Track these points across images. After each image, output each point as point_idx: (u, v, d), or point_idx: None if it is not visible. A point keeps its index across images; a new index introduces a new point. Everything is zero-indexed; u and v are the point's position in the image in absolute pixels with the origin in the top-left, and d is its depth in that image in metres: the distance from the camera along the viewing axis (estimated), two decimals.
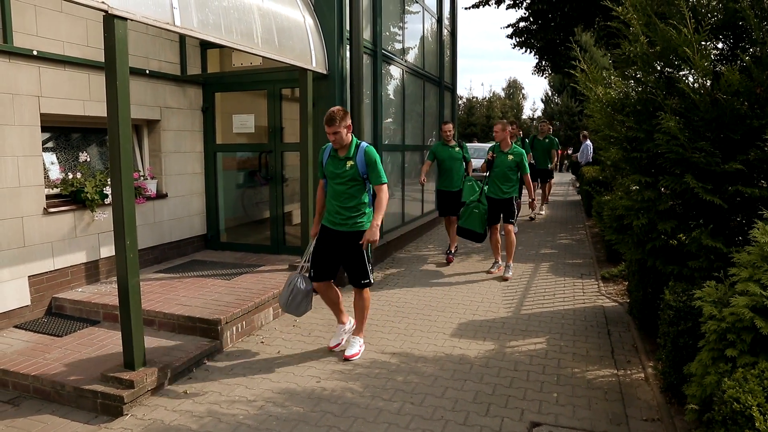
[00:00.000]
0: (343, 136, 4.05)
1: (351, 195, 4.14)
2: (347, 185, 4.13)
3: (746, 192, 3.42)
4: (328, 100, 6.18)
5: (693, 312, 3.09)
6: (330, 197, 4.24)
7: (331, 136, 4.04)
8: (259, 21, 4.85)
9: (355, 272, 4.27)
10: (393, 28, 8.40)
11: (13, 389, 3.74)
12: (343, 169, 4.12)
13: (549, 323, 5.04)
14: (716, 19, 3.80)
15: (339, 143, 4.08)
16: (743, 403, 2.12)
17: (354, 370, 4.04)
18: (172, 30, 3.83)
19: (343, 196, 4.15)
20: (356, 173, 4.11)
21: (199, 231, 6.87)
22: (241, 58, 6.58)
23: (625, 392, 3.65)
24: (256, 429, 3.22)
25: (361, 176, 4.12)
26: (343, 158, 4.13)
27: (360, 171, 4.11)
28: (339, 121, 4.00)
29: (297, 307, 4.22)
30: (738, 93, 3.42)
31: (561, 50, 15.17)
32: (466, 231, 6.86)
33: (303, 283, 4.21)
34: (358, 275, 4.26)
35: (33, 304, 4.78)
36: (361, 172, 4.11)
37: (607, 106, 4.31)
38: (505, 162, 6.65)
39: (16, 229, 4.59)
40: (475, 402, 3.53)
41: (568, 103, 34.20)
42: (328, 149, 4.22)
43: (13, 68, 4.54)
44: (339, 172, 4.14)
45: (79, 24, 5.15)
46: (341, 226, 4.17)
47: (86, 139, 5.62)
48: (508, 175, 6.69)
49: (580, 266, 7.24)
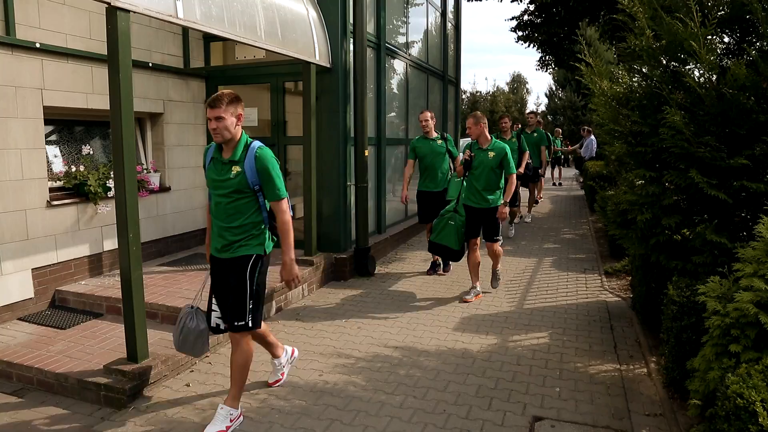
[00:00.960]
0: (228, 126, 3.05)
1: (236, 211, 3.13)
2: (231, 198, 3.11)
3: (751, 187, 3.40)
4: (332, 94, 6.17)
5: (696, 307, 3.07)
6: (212, 215, 3.25)
7: (213, 122, 3.03)
8: (262, 13, 4.83)
9: (231, 308, 3.17)
10: (397, 21, 8.37)
11: (17, 381, 3.76)
12: (226, 176, 3.10)
13: (552, 318, 5.03)
14: (723, 13, 3.77)
15: (221, 136, 3.06)
16: (747, 398, 2.12)
17: (356, 364, 4.05)
18: (174, 22, 3.81)
19: (226, 213, 3.14)
20: (243, 183, 3.08)
21: (202, 224, 6.87)
22: (244, 51, 6.56)
23: (628, 387, 3.65)
24: (258, 422, 3.23)
25: (251, 187, 3.10)
26: (227, 161, 3.12)
27: (249, 180, 3.08)
28: (226, 104, 3.03)
29: (192, 348, 3.38)
30: (744, 87, 3.40)
31: (565, 45, 15.08)
32: (439, 247, 5.65)
33: (194, 321, 3.32)
34: (233, 313, 3.16)
35: (36, 297, 4.79)
36: (250, 182, 3.08)
37: (611, 100, 4.28)
38: (487, 161, 5.36)
39: (19, 222, 4.60)
40: (478, 396, 3.54)
41: (571, 98, 34.10)
42: (212, 149, 3.23)
43: (16, 61, 4.53)
44: (221, 179, 3.12)
45: (82, 16, 5.13)
46: (224, 252, 3.18)
47: (89, 132, 5.62)
48: (491, 177, 5.38)
49: (583, 261, 7.23)
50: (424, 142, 6.35)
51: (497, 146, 5.39)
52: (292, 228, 3.18)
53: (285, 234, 3.16)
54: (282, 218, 3.15)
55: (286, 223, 3.15)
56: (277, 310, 5.16)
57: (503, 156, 5.34)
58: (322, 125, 6.18)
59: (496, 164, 5.35)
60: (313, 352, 4.25)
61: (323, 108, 6.18)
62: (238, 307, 3.15)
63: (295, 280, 3.24)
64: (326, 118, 6.20)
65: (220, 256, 3.21)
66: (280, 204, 3.15)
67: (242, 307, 3.14)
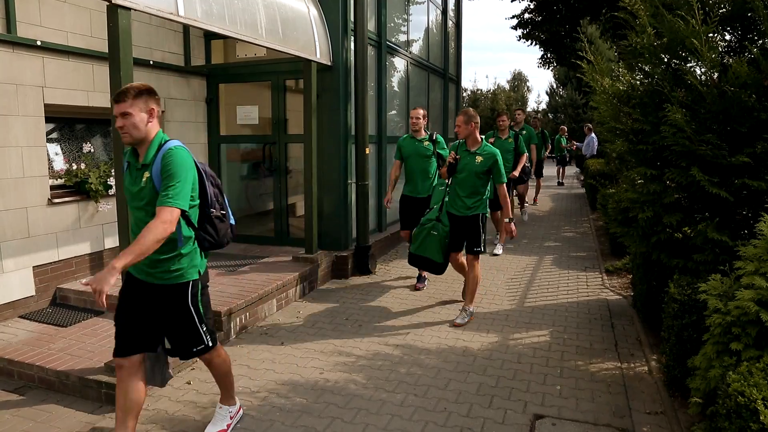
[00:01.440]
0: (137, 123, 2.56)
1: None
2: (146, 211, 2.60)
3: (753, 185, 3.40)
4: (333, 92, 6.17)
5: (698, 305, 3.07)
6: (131, 229, 2.77)
7: (119, 120, 2.56)
8: (263, 11, 4.82)
9: (181, 339, 2.82)
10: (398, 19, 8.36)
11: (18, 379, 3.77)
12: (138, 186, 2.62)
13: (553, 316, 5.03)
14: (724, 11, 3.76)
15: (129, 135, 2.57)
16: (748, 396, 2.12)
17: (357, 362, 4.05)
18: (175, 20, 3.81)
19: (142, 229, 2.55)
20: (154, 192, 2.57)
21: None
22: (245, 49, 6.56)
23: (629, 385, 3.65)
24: (259, 420, 3.23)
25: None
26: (140, 167, 2.63)
27: (158, 188, 2.56)
28: (132, 97, 2.55)
29: (152, 379, 2.96)
30: (746, 85, 3.39)
31: (566, 42, 15.07)
32: (420, 259, 5.12)
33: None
34: (187, 341, 2.81)
35: (38, 295, 4.80)
36: (159, 189, 2.55)
37: (613, 98, 4.28)
38: (472, 166, 4.75)
39: (20, 220, 4.61)
40: (479, 394, 3.54)
41: (572, 96, 34.04)
42: (129, 152, 2.71)
43: (17, 58, 4.53)
44: (135, 190, 2.64)
45: (83, 14, 5.13)
46: (148, 276, 2.70)
47: (90, 129, 5.62)
48: (476, 184, 4.79)
49: (584, 259, 7.23)
50: (410, 141, 5.79)
51: (487, 151, 4.77)
52: (150, 242, 2.38)
53: (138, 240, 2.38)
54: (153, 224, 2.42)
55: (149, 231, 2.39)
56: (277, 308, 5.17)
57: (492, 162, 4.73)
58: (323, 123, 6.18)
59: (482, 170, 4.76)
60: (313, 350, 4.26)
61: (324, 106, 6.17)
62: (190, 335, 2.80)
63: (98, 294, 2.27)
64: (327, 116, 6.20)
65: (141, 278, 2.71)
66: (162, 210, 2.46)
67: (195, 332, 2.80)
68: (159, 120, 2.68)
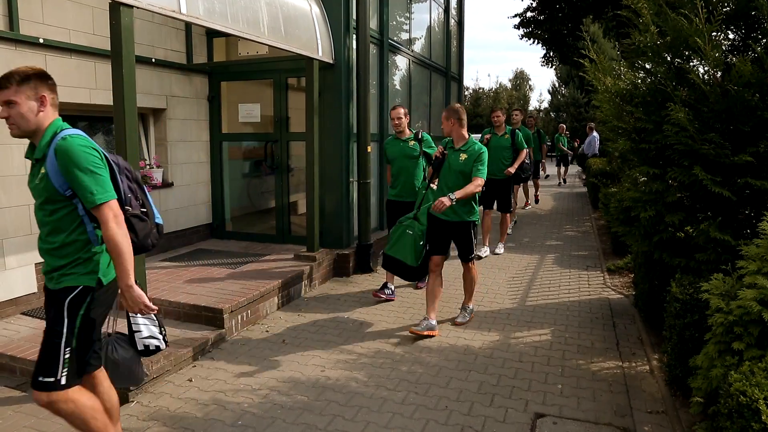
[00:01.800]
0: (25, 114, 2.28)
1: (54, 228, 2.34)
2: (44, 210, 2.34)
3: (756, 184, 3.39)
4: (335, 90, 6.17)
5: (700, 305, 3.07)
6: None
7: (4, 110, 2.28)
8: (265, 9, 4.82)
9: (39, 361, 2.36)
10: (400, 17, 8.35)
11: (20, 375, 3.77)
12: (34, 181, 2.36)
13: (554, 315, 5.03)
14: (728, 9, 3.75)
15: (16, 127, 2.30)
16: (750, 396, 2.11)
17: (358, 360, 4.05)
18: (178, 18, 3.81)
19: (45, 230, 2.37)
20: (51, 188, 2.28)
21: (205, 220, 6.88)
22: (247, 47, 6.56)
23: (630, 384, 3.65)
24: (260, 417, 3.24)
25: (62, 193, 2.29)
26: (34, 162, 2.39)
27: (56, 185, 2.26)
28: (17, 83, 2.27)
29: (128, 378, 2.69)
30: (749, 84, 3.38)
31: (569, 41, 15.06)
32: (392, 261, 4.78)
33: (119, 349, 2.60)
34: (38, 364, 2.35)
35: (40, 292, 4.80)
36: (57, 186, 2.27)
37: (615, 97, 4.27)
38: (455, 164, 4.47)
39: (22, 217, 4.61)
40: (480, 392, 3.54)
41: (574, 95, 33.98)
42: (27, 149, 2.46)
43: (20, 56, 4.53)
44: (32, 187, 2.39)
45: (86, 12, 5.14)
46: (48, 280, 2.40)
47: (93, 127, 5.63)
48: (458, 183, 4.42)
49: (585, 258, 7.22)
50: (394, 143, 5.53)
51: (472, 149, 4.44)
52: (123, 243, 2.26)
53: (112, 253, 2.26)
54: (105, 232, 2.25)
55: (110, 239, 2.24)
56: (279, 305, 5.17)
57: (475, 158, 4.40)
58: (325, 121, 6.18)
59: (466, 169, 4.42)
60: (314, 348, 4.26)
61: (326, 104, 6.17)
62: (46, 357, 2.32)
63: (141, 306, 2.35)
64: (329, 115, 6.19)
65: (47, 284, 2.41)
66: (99, 211, 2.25)
67: (53, 357, 2.30)
68: (55, 108, 2.39)
